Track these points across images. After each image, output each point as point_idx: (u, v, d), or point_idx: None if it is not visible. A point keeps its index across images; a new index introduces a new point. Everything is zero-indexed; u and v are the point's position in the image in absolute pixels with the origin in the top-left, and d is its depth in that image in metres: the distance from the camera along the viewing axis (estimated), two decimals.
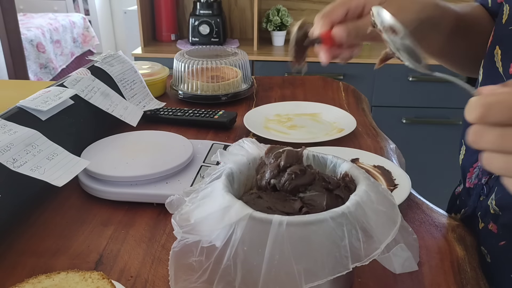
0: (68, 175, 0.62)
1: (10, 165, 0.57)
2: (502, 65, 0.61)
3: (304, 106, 1.04)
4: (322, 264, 0.40)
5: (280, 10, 2.10)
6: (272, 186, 0.48)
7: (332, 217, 0.40)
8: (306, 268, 0.39)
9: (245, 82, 1.11)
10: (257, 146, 0.52)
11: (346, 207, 0.41)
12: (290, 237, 0.39)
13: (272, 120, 0.98)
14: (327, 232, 0.40)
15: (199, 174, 0.69)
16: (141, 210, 0.64)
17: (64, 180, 0.60)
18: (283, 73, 1.94)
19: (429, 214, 0.64)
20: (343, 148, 0.81)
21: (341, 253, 0.40)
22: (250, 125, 0.90)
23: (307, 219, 0.40)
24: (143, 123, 0.90)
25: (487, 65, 0.64)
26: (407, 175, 0.71)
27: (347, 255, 0.40)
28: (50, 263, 0.54)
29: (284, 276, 0.39)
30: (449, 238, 0.59)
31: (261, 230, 0.40)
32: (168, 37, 2.22)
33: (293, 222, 0.40)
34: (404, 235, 0.45)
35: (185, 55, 1.11)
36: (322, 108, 1.02)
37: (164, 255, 0.55)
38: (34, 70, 3.26)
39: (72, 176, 0.62)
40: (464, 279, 0.52)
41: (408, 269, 0.43)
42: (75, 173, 0.63)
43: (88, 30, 3.96)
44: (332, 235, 0.40)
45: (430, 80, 1.91)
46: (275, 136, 0.88)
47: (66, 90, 0.76)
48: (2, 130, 0.61)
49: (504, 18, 0.62)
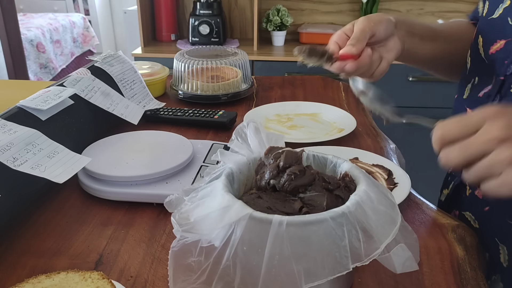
0: (69, 172, 0.62)
1: (11, 164, 0.57)
2: (484, 50, 0.70)
3: (304, 106, 1.04)
4: (322, 264, 0.39)
5: (280, 10, 2.10)
6: (272, 186, 0.48)
7: (332, 217, 0.40)
8: (306, 268, 0.39)
9: (245, 82, 1.11)
10: (258, 141, 0.52)
11: (346, 207, 0.41)
12: (290, 237, 0.39)
13: (272, 120, 0.98)
14: (327, 232, 0.40)
15: (199, 174, 0.69)
16: (141, 210, 0.64)
17: (65, 177, 0.60)
18: (283, 73, 1.94)
19: (429, 214, 0.64)
20: (343, 148, 0.81)
21: (341, 253, 0.40)
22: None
23: (307, 219, 0.40)
24: (143, 123, 0.90)
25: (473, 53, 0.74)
26: (407, 175, 0.71)
27: (347, 255, 0.40)
28: (50, 263, 0.54)
29: (284, 276, 0.39)
30: (449, 238, 0.59)
31: (261, 230, 0.40)
32: (168, 37, 2.22)
33: (293, 222, 0.39)
34: (404, 235, 0.45)
35: (185, 55, 1.11)
36: (322, 108, 1.02)
37: (164, 255, 0.55)
38: (34, 70, 3.26)
39: (73, 173, 0.62)
40: (464, 279, 0.52)
41: (409, 269, 0.43)
42: (76, 170, 0.63)
43: (88, 30, 3.97)
44: (332, 235, 0.40)
45: (430, 80, 1.92)
46: None
47: (66, 90, 0.76)
48: (2, 130, 0.61)
49: (484, 11, 0.72)
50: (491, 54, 0.68)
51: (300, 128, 0.95)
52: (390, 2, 2.17)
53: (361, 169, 0.49)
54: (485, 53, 0.70)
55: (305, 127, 0.95)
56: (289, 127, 0.95)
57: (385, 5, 2.17)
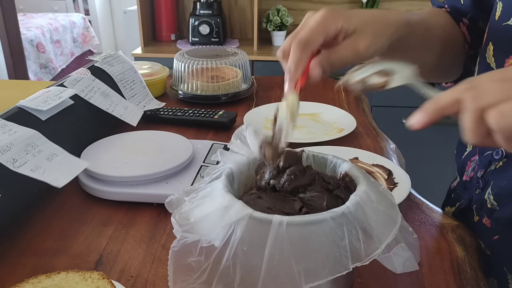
0: (68, 176, 0.62)
1: (10, 165, 0.57)
2: (495, 60, 0.61)
3: (304, 106, 1.03)
4: (322, 264, 0.39)
5: (280, 10, 2.10)
6: (272, 186, 0.48)
7: (332, 217, 0.40)
8: (306, 268, 0.39)
9: (245, 82, 1.11)
10: (258, 142, 0.52)
11: (346, 207, 0.41)
12: (290, 237, 0.39)
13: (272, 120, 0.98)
14: (327, 232, 0.40)
15: (199, 174, 0.69)
16: (141, 210, 0.64)
17: (64, 181, 0.60)
18: (283, 73, 1.94)
19: (429, 214, 0.64)
20: (343, 148, 0.81)
21: (341, 253, 0.40)
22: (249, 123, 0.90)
23: (307, 219, 0.40)
24: (143, 123, 0.90)
25: (482, 61, 0.65)
26: (406, 174, 0.71)
27: (347, 255, 0.40)
28: (50, 263, 0.54)
29: (284, 276, 0.39)
30: (449, 238, 0.59)
31: (261, 230, 0.40)
32: (168, 37, 2.22)
33: (293, 222, 0.39)
34: (404, 235, 0.45)
35: (185, 55, 1.11)
36: (322, 108, 1.02)
37: (164, 255, 0.55)
38: (34, 70, 3.26)
39: (72, 177, 0.62)
40: (464, 279, 0.52)
41: (409, 269, 0.43)
42: (75, 174, 0.63)
43: (88, 30, 3.96)
44: (332, 235, 0.40)
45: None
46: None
47: (66, 90, 0.76)
48: (2, 130, 0.61)
49: (497, 14, 0.62)
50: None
51: (300, 128, 0.95)
52: (390, 2, 2.17)
53: (361, 169, 0.49)
54: (498, 65, 0.60)
55: (305, 127, 0.95)
56: None
57: (385, 5, 2.17)
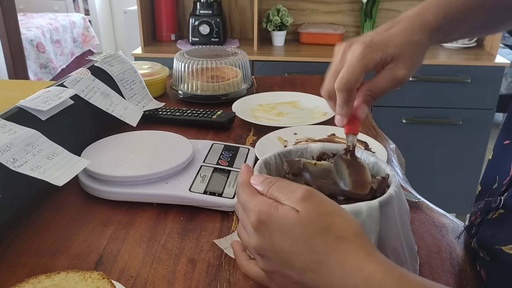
0: (68, 175, 0.62)
1: (10, 164, 0.57)
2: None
3: (282, 95, 1.10)
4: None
5: (280, 10, 2.10)
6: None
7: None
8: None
9: (245, 82, 1.11)
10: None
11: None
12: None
13: (257, 110, 1.02)
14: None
15: (199, 174, 0.69)
16: (141, 210, 0.64)
17: (64, 180, 0.60)
18: (283, 73, 1.94)
19: (429, 214, 0.64)
20: (320, 127, 0.88)
21: None
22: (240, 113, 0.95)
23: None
24: (143, 123, 0.90)
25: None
26: (382, 146, 0.78)
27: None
28: (50, 263, 0.54)
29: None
30: (449, 238, 0.59)
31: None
32: (168, 37, 2.22)
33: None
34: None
35: (185, 55, 1.11)
36: (298, 96, 1.09)
37: (164, 255, 0.55)
38: (34, 70, 3.26)
39: (73, 175, 0.62)
40: (464, 279, 0.52)
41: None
42: (75, 173, 0.63)
43: (88, 30, 3.96)
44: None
45: (430, 80, 1.91)
46: (268, 122, 0.93)
47: (66, 90, 0.76)
48: (2, 130, 0.61)
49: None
50: None
51: (287, 115, 1.00)
52: (390, 2, 2.17)
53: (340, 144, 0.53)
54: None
55: (291, 114, 1.01)
56: (276, 115, 1.00)
57: (385, 5, 2.17)
